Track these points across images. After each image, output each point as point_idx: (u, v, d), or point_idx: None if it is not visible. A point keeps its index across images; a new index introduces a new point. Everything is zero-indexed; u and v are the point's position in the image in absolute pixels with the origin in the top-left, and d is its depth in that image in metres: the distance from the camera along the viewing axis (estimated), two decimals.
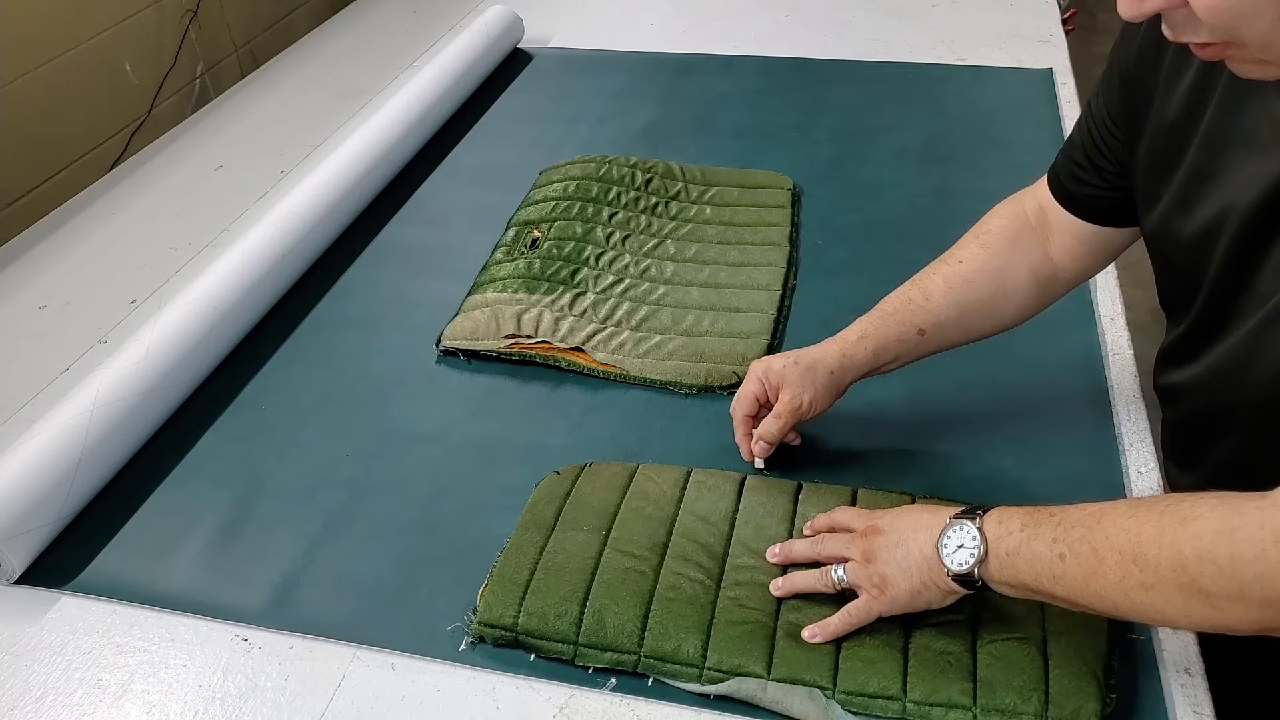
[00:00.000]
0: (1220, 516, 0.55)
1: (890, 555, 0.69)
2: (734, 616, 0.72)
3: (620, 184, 1.24)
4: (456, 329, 1.04)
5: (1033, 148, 1.32)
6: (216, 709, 0.70)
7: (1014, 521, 0.64)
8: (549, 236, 1.15)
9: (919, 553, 0.67)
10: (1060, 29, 1.66)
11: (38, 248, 1.24)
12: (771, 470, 0.86)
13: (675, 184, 1.25)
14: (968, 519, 0.66)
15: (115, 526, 0.86)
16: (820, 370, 0.84)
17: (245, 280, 1.05)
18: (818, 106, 1.47)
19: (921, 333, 0.85)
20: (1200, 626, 0.59)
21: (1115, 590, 0.58)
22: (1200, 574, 0.54)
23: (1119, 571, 0.58)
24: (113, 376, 0.91)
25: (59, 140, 1.53)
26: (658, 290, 1.08)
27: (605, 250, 1.14)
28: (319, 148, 1.44)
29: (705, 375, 0.97)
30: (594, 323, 1.03)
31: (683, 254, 1.14)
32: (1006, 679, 0.66)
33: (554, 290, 1.07)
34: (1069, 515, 0.62)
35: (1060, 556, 0.60)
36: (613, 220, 1.18)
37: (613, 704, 0.69)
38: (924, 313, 0.85)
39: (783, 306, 1.06)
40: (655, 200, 1.22)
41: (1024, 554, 0.62)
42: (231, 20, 1.87)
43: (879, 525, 0.71)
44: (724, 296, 1.07)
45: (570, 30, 1.77)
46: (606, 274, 1.10)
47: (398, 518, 0.85)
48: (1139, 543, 0.57)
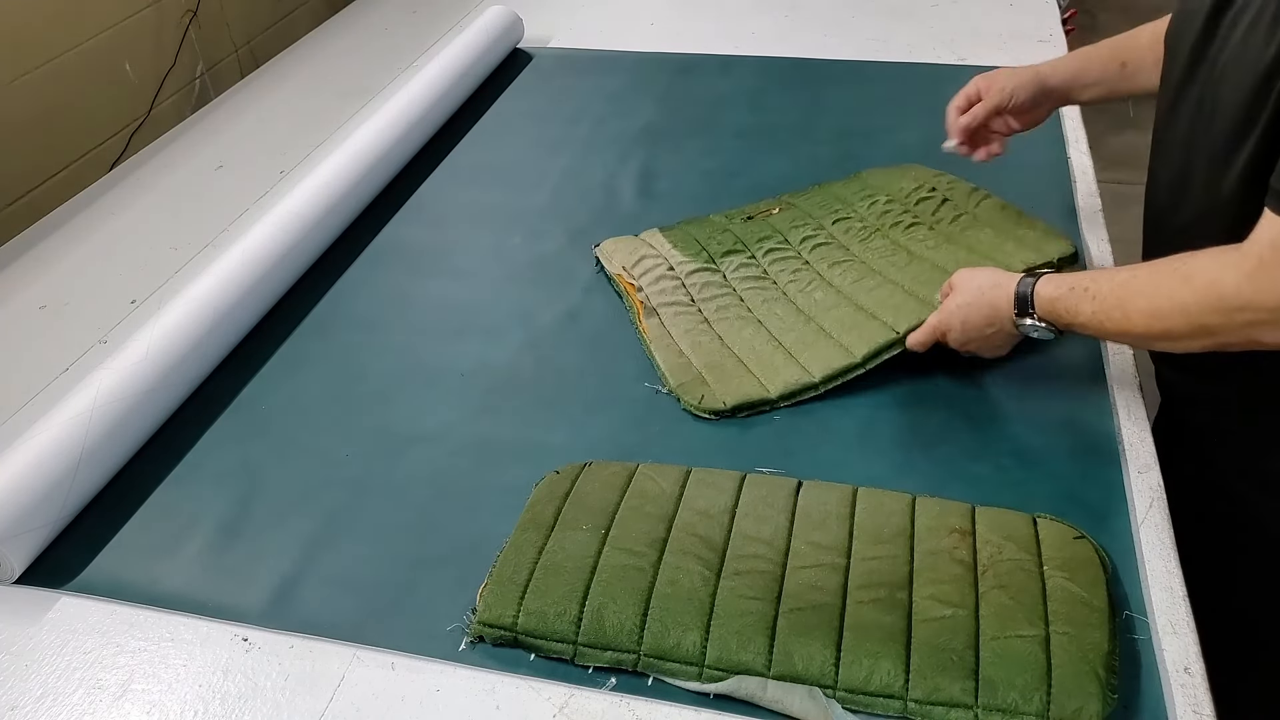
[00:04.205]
0: (1205, 269, 0.74)
1: (988, 344, 0.91)
2: (734, 608, 0.72)
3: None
4: (611, 244, 1.16)
5: (1033, 148, 1.32)
6: (216, 709, 0.70)
7: (1061, 306, 0.82)
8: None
9: (1004, 334, 0.88)
10: (1060, 29, 1.66)
11: (38, 248, 1.24)
12: (771, 469, 0.86)
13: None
14: (1029, 315, 0.84)
15: (115, 526, 0.86)
16: (1026, 71, 1.04)
17: (245, 280, 1.05)
18: (818, 106, 1.47)
19: (1124, 65, 1.01)
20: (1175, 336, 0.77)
21: (1141, 340, 0.80)
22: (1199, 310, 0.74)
23: (1144, 325, 0.77)
24: (113, 376, 0.91)
25: (59, 140, 1.53)
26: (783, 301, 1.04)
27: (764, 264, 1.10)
28: (319, 148, 1.44)
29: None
30: (691, 292, 1.06)
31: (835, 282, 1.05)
32: (1008, 678, 0.66)
33: (692, 252, 1.12)
34: (1100, 286, 0.80)
35: (1100, 323, 0.80)
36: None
37: (613, 703, 0.69)
38: (1130, 50, 1.01)
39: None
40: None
41: (1078, 326, 0.82)
42: (231, 20, 1.87)
43: (959, 339, 0.90)
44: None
45: (570, 30, 1.77)
46: (749, 269, 1.09)
47: (398, 518, 0.85)
48: (1155, 300, 0.76)
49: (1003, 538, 0.76)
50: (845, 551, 0.77)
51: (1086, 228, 1.15)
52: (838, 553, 0.76)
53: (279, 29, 2.00)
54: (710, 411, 0.93)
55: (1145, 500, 0.82)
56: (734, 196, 1.27)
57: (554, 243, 1.21)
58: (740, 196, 1.27)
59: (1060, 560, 0.74)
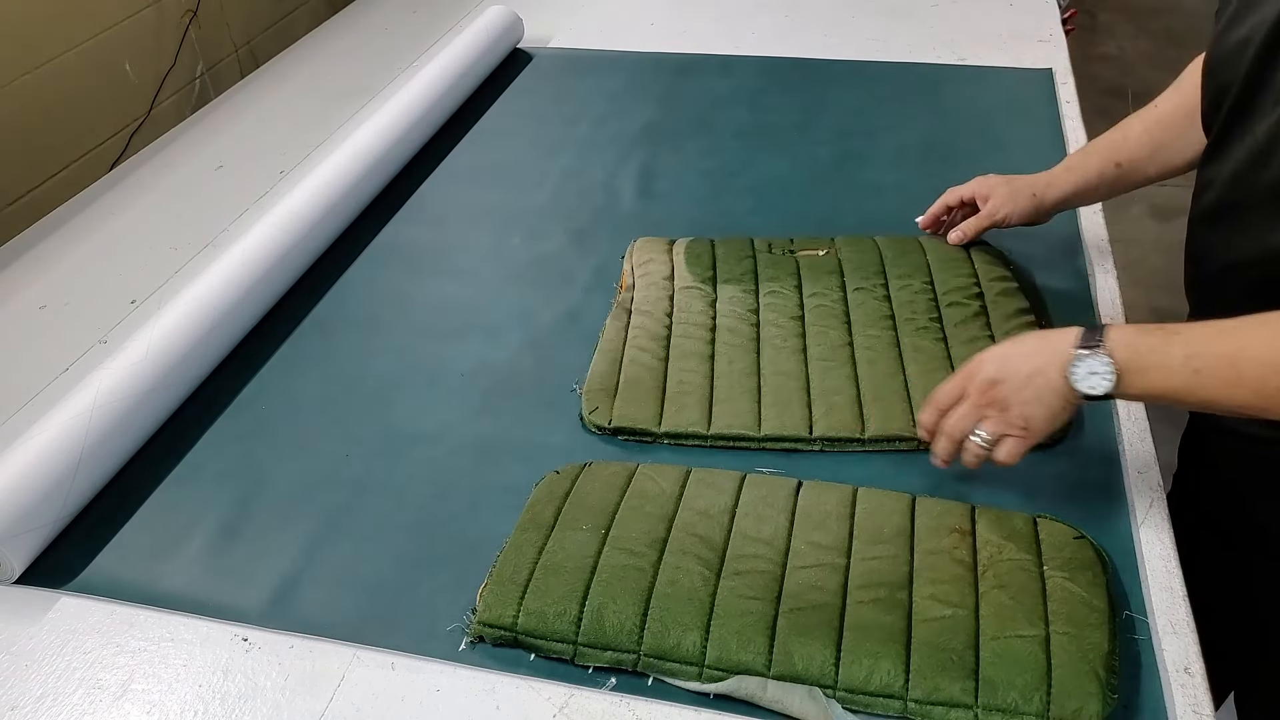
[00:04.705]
0: None
1: (1021, 397, 0.74)
2: (734, 608, 0.72)
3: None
4: (642, 242, 1.16)
5: (1033, 148, 1.32)
6: (216, 709, 0.70)
7: (1141, 343, 0.69)
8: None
9: (1049, 386, 0.72)
10: (1060, 29, 1.66)
11: (38, 248, 1.24)
12: (771, 469, 0.86)
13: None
14: (1092, 347, 0.70)
15: (115, 526, 0.86)
16: (1024, 193, 1.03)
17: (245, 280, 1.05)
18: (818, 106, 1.47)
19: (1119, 166, 0.99)
20: None
21: (1253, 395, 0.66)
22: None
23: (1258, 379, 0.65)
24: (113, 376, 0.91)
25: (59, 140, 1.53)
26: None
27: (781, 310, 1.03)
28: (319, 148, 1.44)
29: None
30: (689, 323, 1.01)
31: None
32: (1008, 678, 0.66)
33: (698, 270, 1.09)
34: (1194, 332, 0.69)
35: (1195, 371, 0.67)
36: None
37: (613, 703, 0.69)
38: (1122, 149, 0.99)
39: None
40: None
41: (1157, 372, 0.68)
42: (231, 20, 1.87)
43: (993, 377, 0.75)
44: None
45: (570, 30, 1.77)
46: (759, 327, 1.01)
47: (398, 518, 0.85)
48: (1275, 349, 0.65)
49: (1003, 538, 0.76)
50: (845, 551, 0.77)
51: (1086, 227, 1.15)
52: (838, 553, 0.76)
53: (279, 29, 2.00)
54: (595, 426, 0.92)
55: (1145, 500, 0.82)
56: (734, 196, 1.27)
57: (554, 243, 1.21)
58: (740, 196, 1.27)
59: (1060, 560, 0.74)
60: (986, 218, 1.05)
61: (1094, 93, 3.31)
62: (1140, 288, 2.52)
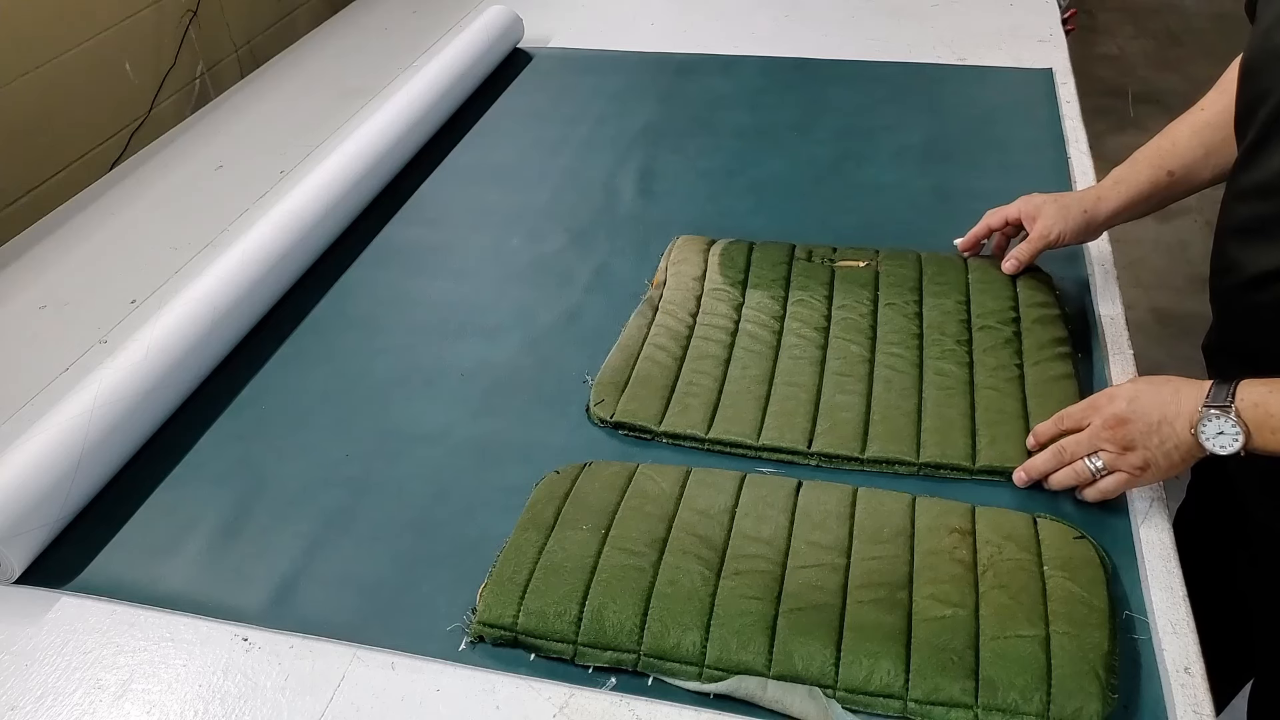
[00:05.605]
0: None
1: (1148, 442, 0.75)
2: (734, 608, 0.72)
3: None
4: (682, 240, 1.16)
5: (1033, 148, 1.32)
6: (216, 709, 0.70)
7: (1273, 402, 0.70)
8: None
9: (1175, 439, 0.74)
10: (1060, 29, 1.66)
11: (38, 248, 1.24)
12: (771, 469, 0.86)
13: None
14: (1221, 408, 0.71)
15: (115, 526, 0.86)
16: (1074, 209, 0.99)
17: (245, 280, 1.05)
18: (818, 106, 1.47)
19: (1171, 174, 0.95)
20: None
21: None
22: None
23: None
24: (113, 376, 0.91)
25: (59, 140, 1.53)
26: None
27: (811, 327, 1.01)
28: (319, 148, 1.44)
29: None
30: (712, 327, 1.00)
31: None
32: (1008, 678, 0.66)
33: (730, 273, 1.08)
34: None
35: None
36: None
37: (613, 703, 0.69)
38: (1172, 156, 0.95)
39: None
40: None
41: None
42: (231, 20, 1.87)
43: (1123, 414, 0.76)
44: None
45: (570, 30, 1.77)
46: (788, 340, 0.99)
47: (398, 518, 0.85)
48: None
49: (1003, 538, 0.76)
50: (845, 551, 0.77)
51: None
52: (838, 553, 0.76)
53: (279, 29, 1.99)
54: (598, 418, 0.92)
55: (1145, 500, 0.82)
56: (734, 196, 1.27)
57: (554, 243, 1.21)
58: (740, 196, 1.27)
59: (1060, 560, 0.74)
60: (1039, 239, 1.00)
61: (1094, 93, 3.31)
62: (1140, 288, 2.52)
